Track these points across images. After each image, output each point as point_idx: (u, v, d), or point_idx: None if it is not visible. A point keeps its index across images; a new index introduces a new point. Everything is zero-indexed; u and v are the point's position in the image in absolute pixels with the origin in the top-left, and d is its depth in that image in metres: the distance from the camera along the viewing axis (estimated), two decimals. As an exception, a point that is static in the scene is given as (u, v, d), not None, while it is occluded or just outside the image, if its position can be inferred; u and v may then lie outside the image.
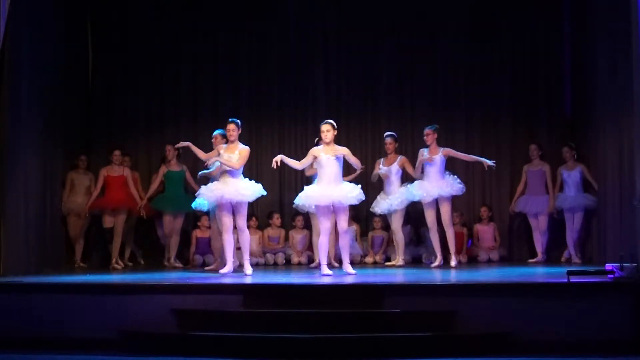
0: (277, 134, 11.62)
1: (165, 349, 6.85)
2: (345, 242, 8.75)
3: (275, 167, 8.72)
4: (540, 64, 11.35)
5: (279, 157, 8.70)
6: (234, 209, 8.78)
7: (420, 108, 11.45)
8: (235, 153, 8.83)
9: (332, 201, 8.58)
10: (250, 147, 11.43)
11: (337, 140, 10.56)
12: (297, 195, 9.50)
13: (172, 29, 11.65)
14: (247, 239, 8.89)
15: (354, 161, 8.81)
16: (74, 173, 10.70)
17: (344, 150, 8.77)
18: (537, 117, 11.31)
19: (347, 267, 8.71)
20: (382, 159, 10.35)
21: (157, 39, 11.66)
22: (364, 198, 8.84)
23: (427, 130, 9.90)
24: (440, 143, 10.00)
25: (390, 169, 10.15)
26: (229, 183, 8.77)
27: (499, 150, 11.33)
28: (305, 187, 9.07)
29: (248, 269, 8.75)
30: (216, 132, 9.42)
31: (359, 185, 8.83)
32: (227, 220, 8.76)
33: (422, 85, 11.53)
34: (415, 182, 9.94)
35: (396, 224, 10.18)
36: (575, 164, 10.39)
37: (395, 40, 11.59)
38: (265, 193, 9.11)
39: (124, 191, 10.41)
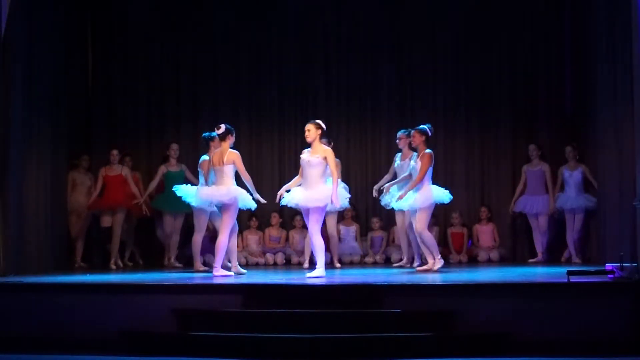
0: (277, 135, 11.61)
1: (165, 349, 6.85)
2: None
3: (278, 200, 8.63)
4: (540, 64, 11.34)
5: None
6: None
7: (420, 107, 11.44)
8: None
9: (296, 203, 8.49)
10: (250, 148, 11.60)
11: (338, 141, 10.61)
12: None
13: (172, 29, 11.63)
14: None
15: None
16: (75, 173, 10.71)
17: (324, 152, 8.42)
18: (537, 117, 11.30)
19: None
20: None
21: (157, 39, 11.65)
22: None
23: (400, 135, 9.78)
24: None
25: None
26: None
27: (499, 150, 11.34)
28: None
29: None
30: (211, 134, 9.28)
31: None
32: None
33: (421, 84, 11.52)
34: None
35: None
36: (577, 164, 10.38)
37: (396, 40, 11.59)
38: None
39: (122, 190, 10.45)
